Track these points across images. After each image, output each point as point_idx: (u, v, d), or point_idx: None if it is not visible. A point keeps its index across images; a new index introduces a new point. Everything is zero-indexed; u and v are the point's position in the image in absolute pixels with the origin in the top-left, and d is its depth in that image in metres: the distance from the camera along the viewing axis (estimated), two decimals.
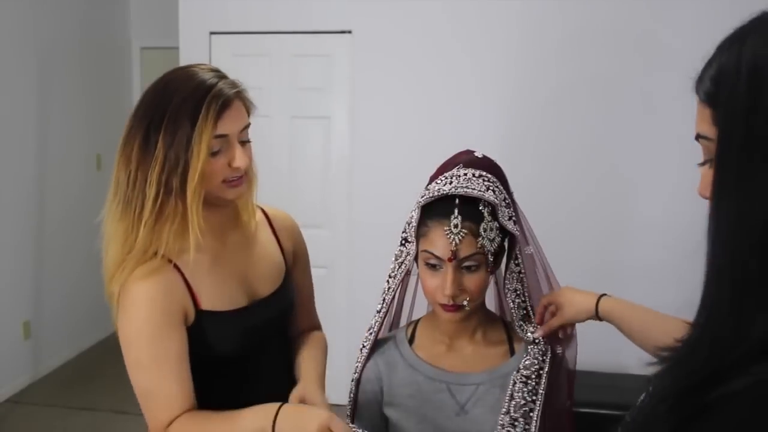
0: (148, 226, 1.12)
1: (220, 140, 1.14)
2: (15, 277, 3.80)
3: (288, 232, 1.41)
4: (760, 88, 0.60)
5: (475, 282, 1.07)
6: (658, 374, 0.73)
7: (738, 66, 0.62)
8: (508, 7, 3.05)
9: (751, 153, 0.61)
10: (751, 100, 0.60)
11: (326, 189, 3.38)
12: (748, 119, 0.60)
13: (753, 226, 0.61)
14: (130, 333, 1.14)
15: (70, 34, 4.22)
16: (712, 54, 0.67)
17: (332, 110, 3.32)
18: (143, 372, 1.14)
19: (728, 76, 0.63)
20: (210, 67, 1.20)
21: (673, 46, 2.77)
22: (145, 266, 1.13)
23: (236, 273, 1.26)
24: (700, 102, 0.68)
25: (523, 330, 1.15)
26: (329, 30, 3.24)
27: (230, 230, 1.28)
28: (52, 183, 4.07)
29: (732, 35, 0.67)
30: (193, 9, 3.34)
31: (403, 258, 1.13)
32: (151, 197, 1.11)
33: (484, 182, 1.06)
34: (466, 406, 1.12)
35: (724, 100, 0.63)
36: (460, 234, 1.03)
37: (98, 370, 4.12)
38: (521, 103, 3.08)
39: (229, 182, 1.18)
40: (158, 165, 1.11)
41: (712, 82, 0.65)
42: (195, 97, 1.12)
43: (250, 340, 1.26)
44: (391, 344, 1.22)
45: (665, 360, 0.72)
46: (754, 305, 0.61)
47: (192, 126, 1.10)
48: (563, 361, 1.16)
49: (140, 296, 1.13)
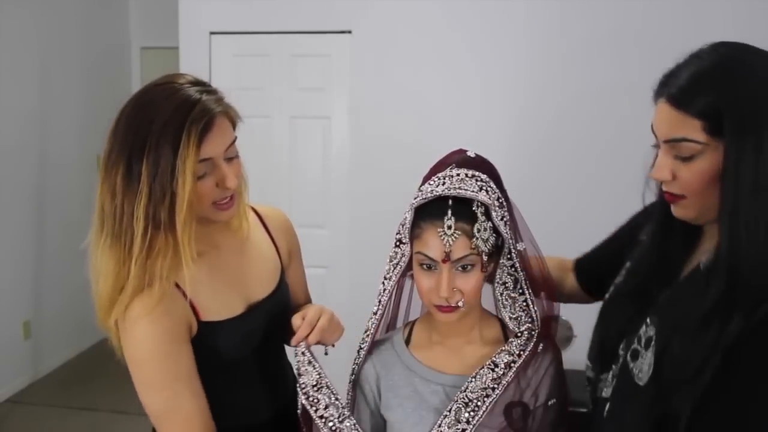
0: (139, 264, 1.07)
1: (205, 164, 1.09)
2: (15, 277, 3.81)
3: (282, 231, 1.39)
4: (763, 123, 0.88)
5: (469, 282, 1.06)
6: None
7: (737, 98, 0.88)
8: (508, 7, 3.04)
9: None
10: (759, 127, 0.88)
11: (326, 189, 3.38)
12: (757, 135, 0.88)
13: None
14: (138, 356, 1.11)
15: (71, 34, 4.22)
16: (688, 77, 0.92)
17: (332, 110, 3.32)
18: (156, 393, 1.10)
19: (730, 104, 0.88)
20: (191, 79, 1.14)
21: (678, 52, 2.76)
22: (143, 300, 1.09)
23: (232, 279, 1.24)
24: (685, 114, 0.90)
25: (511, 322, 1.15)
26: (329, 30, 3.24)
27: (223, 235, 1.26)
28: (52, 183, 4.08)
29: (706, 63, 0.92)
30: (193, 9, 3.33)
31: (398, 259, 1.12)
32: (139, 234, 1.06)
33: (477, 182, 1.05)
34: None
35: (733, 119, 0.88)
36: (454, 235, 1.03)
37: (98, 370, 4.13)
38: (522, 102, 3.08)
39: (219, 205, 1.14)
40: (144, 198, 1.05)
41: (711, 106, 0.89)
42: (175, 120, 1.05)
43: (251, 344, 1.26)
44: (388, 345, 1.22)
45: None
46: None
47: (174, 153, 1.04)
48: (544, 359, 1.13)
49: (143, 320, 1.09)
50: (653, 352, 0.97)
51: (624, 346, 1.06)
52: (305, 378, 1.12)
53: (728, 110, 0.88)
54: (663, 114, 0.94)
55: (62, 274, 4.15)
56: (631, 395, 1.01)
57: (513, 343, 1.12)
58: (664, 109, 0.94)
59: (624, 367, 1.04)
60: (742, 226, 0.89)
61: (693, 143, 0.91)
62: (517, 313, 1.15)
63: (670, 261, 1.06)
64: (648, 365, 0.97)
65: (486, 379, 1.09)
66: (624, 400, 1.03)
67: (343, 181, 3.34)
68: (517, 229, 1.11)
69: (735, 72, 0.90)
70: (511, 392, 1.09)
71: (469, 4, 3.07)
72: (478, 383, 1.09)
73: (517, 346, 1.12)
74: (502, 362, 1.10)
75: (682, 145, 0.92)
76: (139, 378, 1.12)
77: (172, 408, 1.10)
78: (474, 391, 1.08)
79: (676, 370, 0.92)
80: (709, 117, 0.89)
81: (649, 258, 1.08)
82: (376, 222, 3.14)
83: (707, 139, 0.90)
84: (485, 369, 1.09)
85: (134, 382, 1.12)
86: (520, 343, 1.12)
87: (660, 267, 1.06)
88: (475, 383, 1.09)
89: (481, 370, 1.09)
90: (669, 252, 1.06)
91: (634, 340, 1.03)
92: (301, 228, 1.63)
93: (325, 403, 1.10)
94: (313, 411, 1.10)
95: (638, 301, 1.07)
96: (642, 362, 0.99)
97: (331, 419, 1.10)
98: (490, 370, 1.09)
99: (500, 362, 1.10)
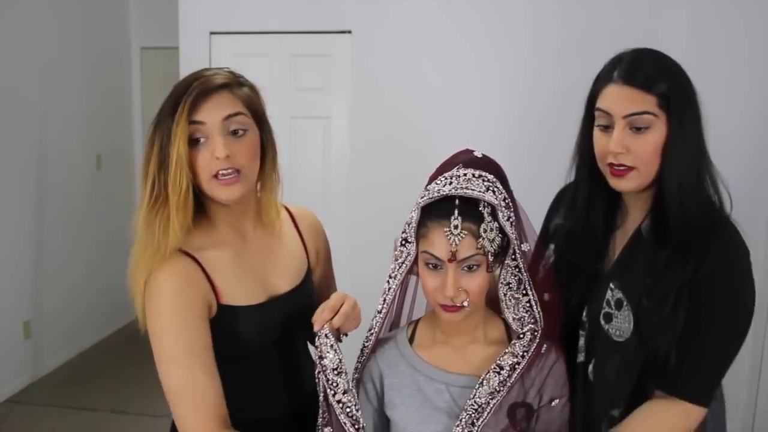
0: (143, 215, 1.14)
1: (197, 127, 1.13)
2: (15, 277, 3.81)
3: (312, 232, 1.41)
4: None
5: (475, 282, 1.07)
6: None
7: (675, 77, 1.13)
8: (508, 7, 3.05)
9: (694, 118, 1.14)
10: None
11: (326, 189, 3.38)
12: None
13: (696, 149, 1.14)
14: (160, 326, 1.13)
15: (71, 34, 4.22)
16: (639, 65, 1.14)
17: (332, 110, 3.32)
18: (174, 366, 1.12)
19: (678, 86, 1.12)
20: (222, 69, 1.22)
21: (673, 49, 2.77)
22: (164, 261, 1.14)
23: (255, 269, 1.26)
24: (642, 91, 1.10)
25: (515, 323, 1.15)
26: (329, 30, 3.24)
27: (253, 228, 1.29)
28: (52, 183, 4.07)
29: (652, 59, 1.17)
30: (193, 9, 3.33)
31: (404, 258, 1.13)
32: (147, 190, 1.14)
33: (483, 182, 1.06)
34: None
35: (677, 98, 1.12)
36: (460, 235, 1.03)
37: (98, 370, 4.13)
38: (522, 102, 3.08)
39: (219, 180, 1.15)
40: (154, 158, 1.14)
41: (667, 86, 1.11)
42: (179, 89, 1.14)
43: (268, 336, 1.26)
44: (392, 344, 1.22)
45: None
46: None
47: (172, 118, 1.12)
48: (548, 360, 1.14)
49: (166, 288, 1.13)
50: (630, 310, 1.14)
51: (587, 313, 1.22)
52: (326, 361, 1.12)
53: (671, 86, 1.11)
54: (620, 94, 1.12)
55: (62, 274, 4.15)
56: (611, 351, 1.17)
57: (516, 344, 1.13)
58: (619, 89, 1.12)
59: (595, 330, 1.20)
60: (684, 185, 1.11)
61: (650, 115, 1.10)
62: (520, 313, 1.15)
63: (596, 232, 1.24)
64: (628, 322, 1.14)
65: (493, 383, 1.09)
66: (606, 357, 1.18)
67: (343, 181, 3.34)
68: (522, 229, 1.12)
69: (665, 58, 1.16)
70: (515, 393, 1.10)
71: (469, 4, 3.07)
72: (486, 388, 1.09)
73: (521, 347, 1.12)
74: (507, 365, 1.11)
75: (642, 117, 1.11)
76: (158, 350, 1.13)
77: (186, 383, 1.10)
78: (482, 396, 1.09)
79: (654, 319, 1.11)
80: (658, 90, 1.10)
81: (576, 234, 1.26)
82: (376, 222, 3.14)
83: (659, 112, 1.10)
84: (491, 373, 1.10)
85: (154, 354, 1.14)
86: (523, 345, 1.12)
87: (589, 240, 1.24)
88: (482, 389, 1.09)
89: (488, 375, 1.10)
90: (595, 226, 1.24)
91: (600, 306, 1.19)
92: None
93: (343, 388, 1.10)
94: (332, 395, 1.10)
95: (584, 273, 1.24)
96: (619, 321, 1.16)
97: (349, 405, 1.10)
98: (495, 374, 1.10)
99: (505, 365, 1.11)
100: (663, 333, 1.11)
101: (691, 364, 1.12)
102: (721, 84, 2.71)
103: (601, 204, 1.24)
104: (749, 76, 2.82)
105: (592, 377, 1.20)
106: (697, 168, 1.14)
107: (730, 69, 2.80)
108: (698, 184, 1.14)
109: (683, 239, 1.11)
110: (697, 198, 1.13)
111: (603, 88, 1.15)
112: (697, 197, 1.13)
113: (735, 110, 2.76)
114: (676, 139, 1.11)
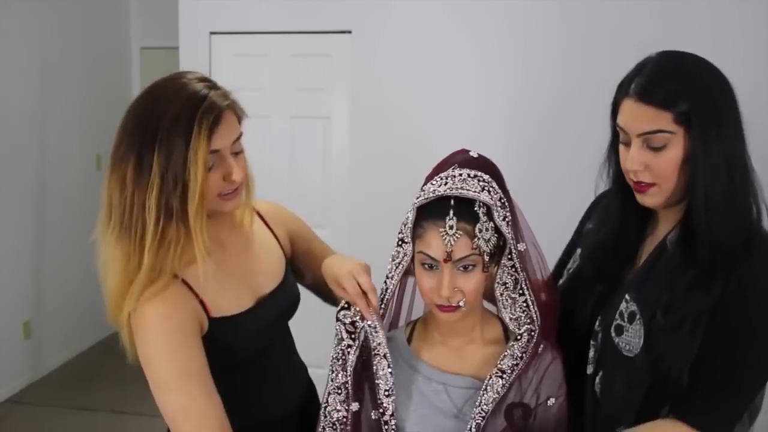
0: (151, 253, 1.09)
1: (213, 156, 1.12)
2: (15, 277, 3.81)
3: (278, 220, 1.41)
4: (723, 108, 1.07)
5: (471, 282, 1.06)
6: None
7: (696, 90, 1.05)
8: (508, 6, 3.04)
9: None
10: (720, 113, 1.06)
11: (326, 189, 3.38)
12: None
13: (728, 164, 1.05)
14: (150, 354, 1.10)
15: (71, 34, 4.22)
16: (656, 76, 1.07)
17: (332, 110, 3.32)
18: (171, 392, 1.09)
19: (701, 100, 1.04)
20: (198, 75, 1.17)
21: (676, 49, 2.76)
22: (154, 287, 1.10)
23: (239, 274, 1.25)
24: (656, 108, 1.04)
25: (511, 323, 1.15)
26: (329, 30, 3.24)
27: (228, 232, 1.28)
28: (52, 183, 4.08)
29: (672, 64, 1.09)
30: (193, 9, 3.34)
31: (400, 259, 1.13)
32: (151, 223, 1.08)
33: (479, 182, 1.06)
34: (464, 408, 1.12)
35: (700, 112, 1.04)
36: (456, 235, 1.03)
37: (98, 370, 4.13)
38: (522, 102, 3.08)
39: (224, 196, 1.16)
40: (156, 188, 1.08)
41: (678, 99, 1.03)
42: (186, 113, 1.09)
43: (263, 339, 1.26)
44: (390, 344, 1.22)
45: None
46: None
47: (186, 145, 1.07)
48: (544, 360, 1.14)
49: (153, 316, 1.10)
50: (642, 324, 1.08)
51: (600, 322, 1.16)
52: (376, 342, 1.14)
53: (692, 101, 1.03)
54: (634, 111, 1.07)
55: (62, 274, 4.15)
56: (620, 366, 1.11)
57: (515, 346, 1.12)
58: (634, 106, 1.07)
59: (607, 342, 1.14)
60: (712, 200, 1.04)
61: (666, 133, 1.04)
62: (517, 313, 1.15)
63: (627, 243, 1.19)
64: (638, 337, 1.08)
65: (496, 387, 1.09)
66: (614, 371, 1.12)
67: (343, 181, 3.34)
68: (518, 229, 1.12)
69: (689, 69, 1.08)
70: (513, 393, 1.09)
71: (469, 4, 3.07)
72: (491, 394, 1.09)
73: (519, 348, 1.12)
74: (508, 368, 1.10)
75: (656, 136, 1.05)
76: (152, 376, 1.10)
77: (186, 407, 1.08)
78: (488, 403, 1.08)
79: (667, 338, 1.04)
80: (676, 109, 1.03)
81: (606, 242, 1.21)
82: (376, 222, 3.13)
83: (676, 128, 1.04)
84: (494, 378, 1.09)
85: (149, 383, 1.11)
86: (521, 346, 1.12)
87: (617, 249, 1.19)
88: (487, 395, 1.09)
89: (491, 381, 1.09)
90: (625, 236, 1.19)
91: (613, 316, 1.13)
92: None
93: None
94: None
95: (603, 281, 1.18)
96: (629, 335, 1.10)
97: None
98: (498, 378, 1.09)
99: (506, 368, 1.10)
100: (675, 355, 1.03)
101: (708, 393, 1.03)
102: None
103: (634, 214, 1.18)
104: (752, 75, 2.82)
105: (598, 391, 1.15)
106: (727, 181, 1.05)
107: (731, 69, 2.80)
108: (729, 199, 1.05)
109: (711, 260, 1.03)
110: (729, 214, 1.04)
111: (621, 101, 1.10)
112: (728, 213, 1.04)
113: None
114: (700, 152, 1.03)
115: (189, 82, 1.14)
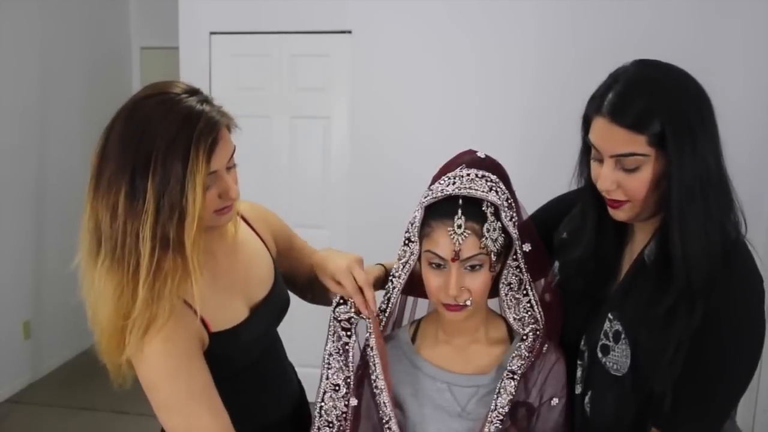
0: (146, 287, 1.01)
1: (210, 177, 1.06)
2: (15, 277, 3.80)
3: (261, 222, 1.37)
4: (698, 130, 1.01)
5: (478, 282, 1.07)
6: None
7: (670, 109, 1.00)
8: (509, 6, 3.04)
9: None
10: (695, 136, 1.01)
11: (326, 189, 3.38)
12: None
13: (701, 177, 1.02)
14: (152, 378, 1.07)
15: (71, 34, 4.22)
16: (627, 95, 1.02)
17: (332, 110, 3.33)
18: (174, 414, 1.07)
19: (675, 119, 1.00)
20: (185, 88, 1.08)
21: (681, 52, 2.77)
22: (156, 324, 1.04)
23: (232, 284, 1.23)
24: (629, 130, 1.00)
25: (515, 323, 1.16)
26: (329, 30, 3.24)
27: (218, 241, 1.23)
28: (52, 183, 4.07)
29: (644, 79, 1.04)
30: (193, 9, 3.34)
31: (407, 258, 1.13)
32: (146, 255, 1.00)
33: (486, 183, 1.07)
34: (468, 407, 1.13)
35: (674, 132, 1.00)
36: (464, 235, 1.04)
37: (98, 370, 4.05)
38: (524, 102, 3.08)
39: (220, 211, 1.12)
40: (150, 217, 0.99)
41: (660, 123, 0.99)
42: (182, 134, 1.00)
43: (260, 345, 1.26)
44: (394, 343, 1.22)
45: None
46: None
47: (183, 169, 1.00)
48: (548, 360, 1.15)
49: (152, 340, 1.04)
50: (628, 345, 1.07)
51: (585, 342, 1.16)
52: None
53: (665, 120, 0.99)
54: (607, 131, 1.03)
55: (62, 274, 4.11)
56: (608, 385, 1.10)
57: (522, 347, 1.13)
58: (606, 126, 1.03)
59: (593, 362, 1.13)
60: (688, 226, 1.01)
61: (639, 156, 1.01)
62: (521, 314, 1.15)
63: (607, 258, 1.17)
64: (626, 357, 1.08)
65: (510, 389, 1.10)
66: (603, 391, 1.12)
67: (343, 182, 3.34)
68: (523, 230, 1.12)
69: (663, 83, 1.03)
70: (517, 393, 1.10)
71: (469, 4, 3.07)
72: (505, 396, 1.09)
73: (527, 348, 1.13)
74: (518, 368, 1.11)
75: (629, 159, 1.02)
76: (156, 401, 1.07)
77: (192, 428, 1.06)
78: (504, 406, 1.09)
79: (652, 359, 1.04)
80: (649, 130, 1.00)
81: (587, 263, 1.18)
82: (376, 222, 3.14)
83: (650, 150, 1.01)
84: (506, 380, 1.10)
85: (153, 407, 1.08)
86: (528, 346, 1.13)
87: (599, 265, 1.17)
88: (502, 398, 1.09)
89: (503, 383, 1.10)
90: (605, 251, 1.17)
91: (597, 336, 1.12)
92: (301, 228, 1.63)
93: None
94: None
95: (588, 298, 1.17)
96: (616, 355, 1.09)
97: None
98: (510, 380, 1.10)
99: (516, 369, 1.11)
100: (660, 376, 1.03)
101: (689, 407, 1.04)
102: (726, 83, 2.71)
103: (611, 225, 1.15)
104: (752, 75, 2.83)
105: (588, 411, 1.14)
106: (701, 200, 1.02)
107: (732, 69, 2.81)
108: (705, 221, 1.02)
109: (688, 286, 1.01)
110: (705, 237, 1.02)
111: (593, 117, 1.06)
112: (704, 236, 1.02)
113: (735, 108, 2.77)
114: (674, 172, 1.01)
115: (178, 98, 1.05)
